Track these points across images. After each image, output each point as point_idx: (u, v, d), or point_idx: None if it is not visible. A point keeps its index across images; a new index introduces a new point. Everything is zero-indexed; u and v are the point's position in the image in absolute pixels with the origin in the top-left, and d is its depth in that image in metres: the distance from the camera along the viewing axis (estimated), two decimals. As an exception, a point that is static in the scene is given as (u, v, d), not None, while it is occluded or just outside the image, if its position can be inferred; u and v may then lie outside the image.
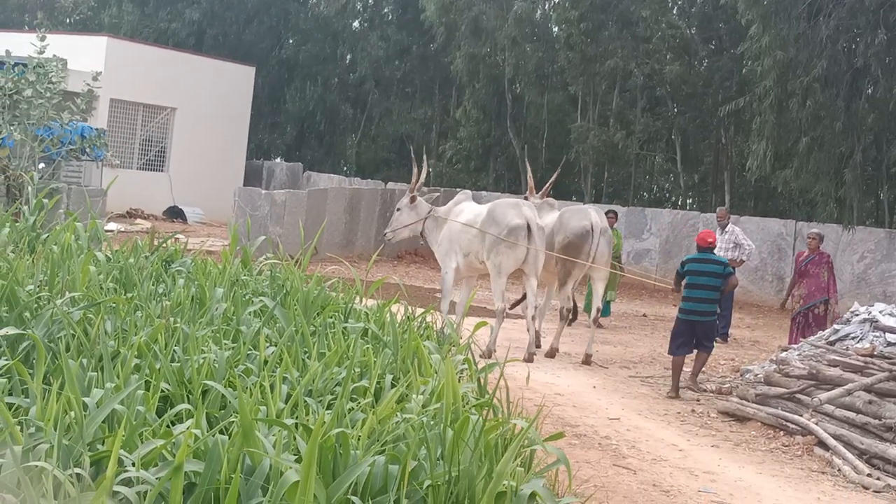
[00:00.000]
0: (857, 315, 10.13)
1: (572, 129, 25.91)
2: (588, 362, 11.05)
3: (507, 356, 5.68)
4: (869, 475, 7.23)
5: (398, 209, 11.92)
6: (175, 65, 26.76)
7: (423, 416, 4.08)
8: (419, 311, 6.69)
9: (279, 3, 34.14)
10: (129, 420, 3.51)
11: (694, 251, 10.45)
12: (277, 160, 33.60)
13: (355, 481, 3.47)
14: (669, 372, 10.40)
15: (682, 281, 10.38)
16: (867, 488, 7.07)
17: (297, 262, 7.29)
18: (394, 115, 32.84)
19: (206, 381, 4.20)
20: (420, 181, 11.83)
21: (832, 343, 9.82)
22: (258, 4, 33.87)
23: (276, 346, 4.99)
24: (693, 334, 10.05)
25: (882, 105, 18.11)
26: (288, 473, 3.26)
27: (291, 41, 34.82)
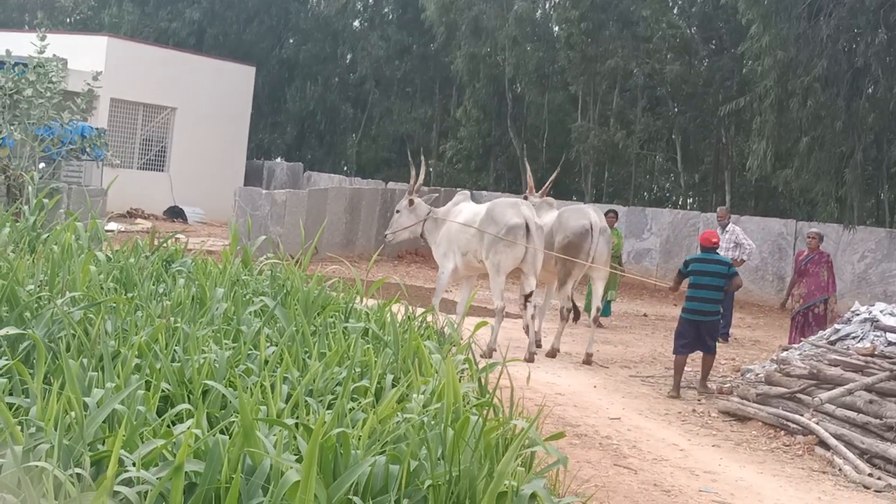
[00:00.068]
0: (858, 315, 10.13)
1: (573, 128, 25.90)
2: (589, 362, 11.05)
3: (508, 356, 5.67)
4: (870, 475, 7.23)
5: (397, 211, 11.95)
6: (175, 64, 26.74)
7: (423, 415, 4.07)
8: (420, 311, 6.69)
9: (279, 2, 34.12)
10: (130, 420, 3.50)
11: (694, 250, 10.46)
12: (278, 160, 33.59)
13: (356, 481, 3.47)
14: (670, 372, 10.41)
15: (682, 280, 10.38)
16: (868, 488, 7.07)
17: (297, 262, 7.28)
18: (394, 115, 32.84)
19: (207, 381, 4.20)
20: (419, 183, 11.85)
21: (833, 343, 9.82)
22: (258, 4, 33.85)
23: (276, 345, 4.99)
24: (697, 334, 10.06)
25: (882, 105, 18.10)
26: (288, 473, 3.26)
27: (292, 41, 34.81)
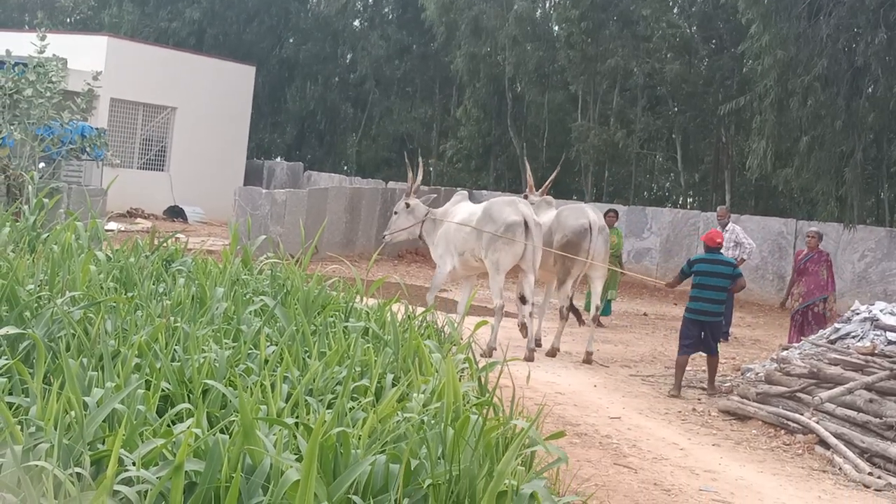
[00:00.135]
0: (858, 314, 10.13)
1: (573, 128, 25.91)
2: (589, 361, 11.05)
3: (508, 355, 5.67)
4: (870, 474, 7.23)
5: (395, 212, 11.96)
6: (175, 64, 26.75)
7: (423, 415, 4.07)
8: (420, 311, 6.69)
9: (279, 2, 34.12)
10: (130, 419, 3.50)
11: (695, 250, 10.45)
12: (278, 159, 33.60)
13: (356, 480, 3.47)
14: (670, 371, 10.41)
15: (684, 279, 10.38)
16: (868, 487, 7.07)
17: (297, 262, 7.28)
18: (394, 115, 32.85)
19: (207, 381, 4.19)
20: (416, 184, 11.87)
21: (833, 342, 9.82)
22: (258, 4, 33.85)
23: (276, 345, 4.98)
24: (701, 334, 10.06)
25: (882, 104, 18.10)
26: (289, 472, 3.26)
27: (292, 40, 34.82)
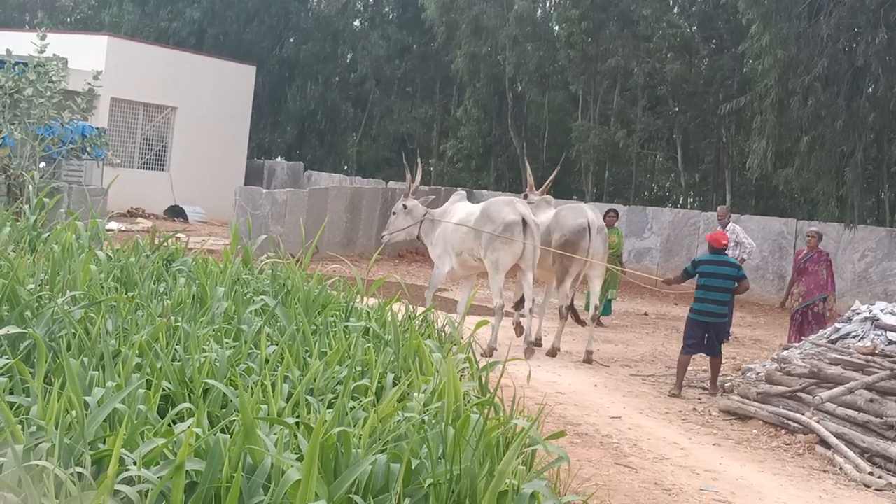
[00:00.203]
0: (859, 313, 10.13)
1: (573, 127, 25.91)
2: (589, 360, 11.05)
3: (509, 355, 5.67)
4: (870, 473, 7.24)
5: (394, 213, 11.97)
6: (176, 64, 26.75)
7: (424, 414, 4.07)
8: (420, 310, 6.69)
9: (280, 2, 34.13)
10: (131, 419, 3.50)
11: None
12: (278, 159, 33.60)
13: (357, 480, 3.47)
14: (671, 371, 10.41)
15: (687, 279, 10.38)
16: (869, 487, 7.07)
17: (298, 261, 7.27)
18: (395, 115, 32.85)
19: (208, 380, 4.19)
20: (415, 185, 11.89)
21: (833, 341, 9.82)
22: (259, 3, 33.86)
23: (277, 344, 4.98)
24: (705, 335, 10.05)
25: (883, 104, 18.10)
26: (289, 472, 3.26)
27: (292, 40, 34.82)
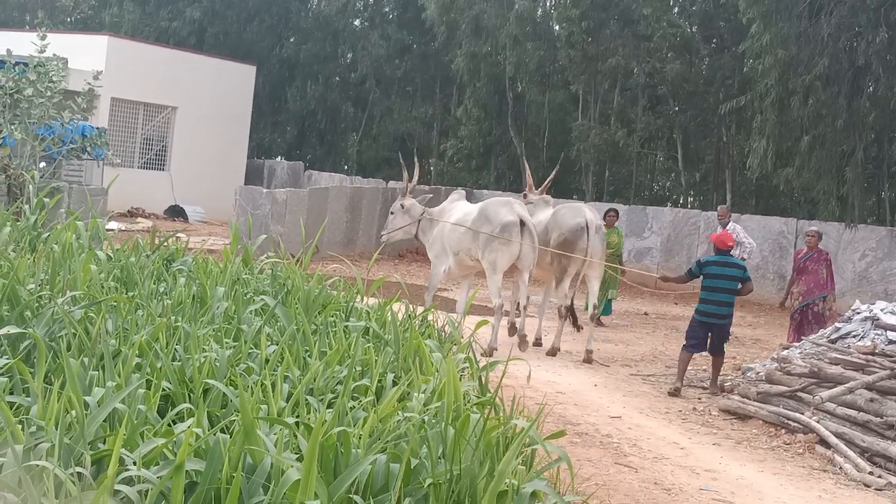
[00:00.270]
0: (859, 313, 10.13)
1: (573, 127, 25.90)
2: (589, 360, 11.05)
3: (510, 354, 5.68)
4: (870, 473, 7.24)
5: (392, 212, 11.99)
6: (176, 64, 26.74)
7: (424, 414, 4.07)
8: (420, 310, 6.69)
9: (280, 1, 34.13)
10: (131, 419, 3.50)
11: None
12: (278, 159, 33.61)
13: (357, 480, 3.47)
14: (671, 370, 10.42)
15: (690, 279, 10.42)
16: (868, 486, 7.07)
17: (298, 261, 7.28)
18: (395, 114, 32.84)
19: (208, 380, 4.19)
20: (412, 183, 11.91)
21: (833, 341, 9.82)
22: (259, 3, 33.85)
23: (277, 344, 4.98)
24: (707, 336, 10.07)
25: (883, 103, 18.10)
26: (289, 472, 3.26)
27: (292, 40, 34.82)
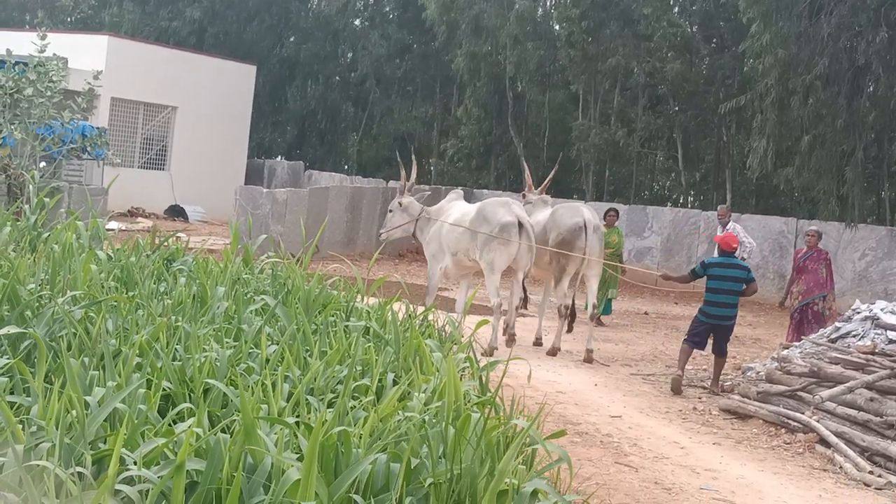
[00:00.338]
0: (859, 313, 10.13)
1: (573, 127, 25.90)
2: (589, 359, 11.05)
3: (510, 354, 5.68)
4: (870, 472, 7.24)
5: (390, 211, 12.01)
6: (176, 63, 26.74)
7: (424, 414, 4.07)
8: (421, 310, 6.69)
9: (280, 1, 34.12)
10: (131, 419, 3.50)
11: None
12: (279, 159, 33.61)
13: (357, 479, 3.47)
14: (671, 370, 10.42)
15: (694, 279, 10.45)
16: (869, 485, 7.07)
17: (298, 261, 7.28)
18: (395, 114, 32.84)
19: (208, 380, 4.19)
20: (411, 182, 11.92)
21: (833, 341, 9.82)
22: (259, 3, 33.85)
23: (277, 344, 4.98)
24: (709, 336, 10.07)
25: (883, 103, 18.10)
26: (290, 472, 3.26)
27: (292, 40, 34.82)
